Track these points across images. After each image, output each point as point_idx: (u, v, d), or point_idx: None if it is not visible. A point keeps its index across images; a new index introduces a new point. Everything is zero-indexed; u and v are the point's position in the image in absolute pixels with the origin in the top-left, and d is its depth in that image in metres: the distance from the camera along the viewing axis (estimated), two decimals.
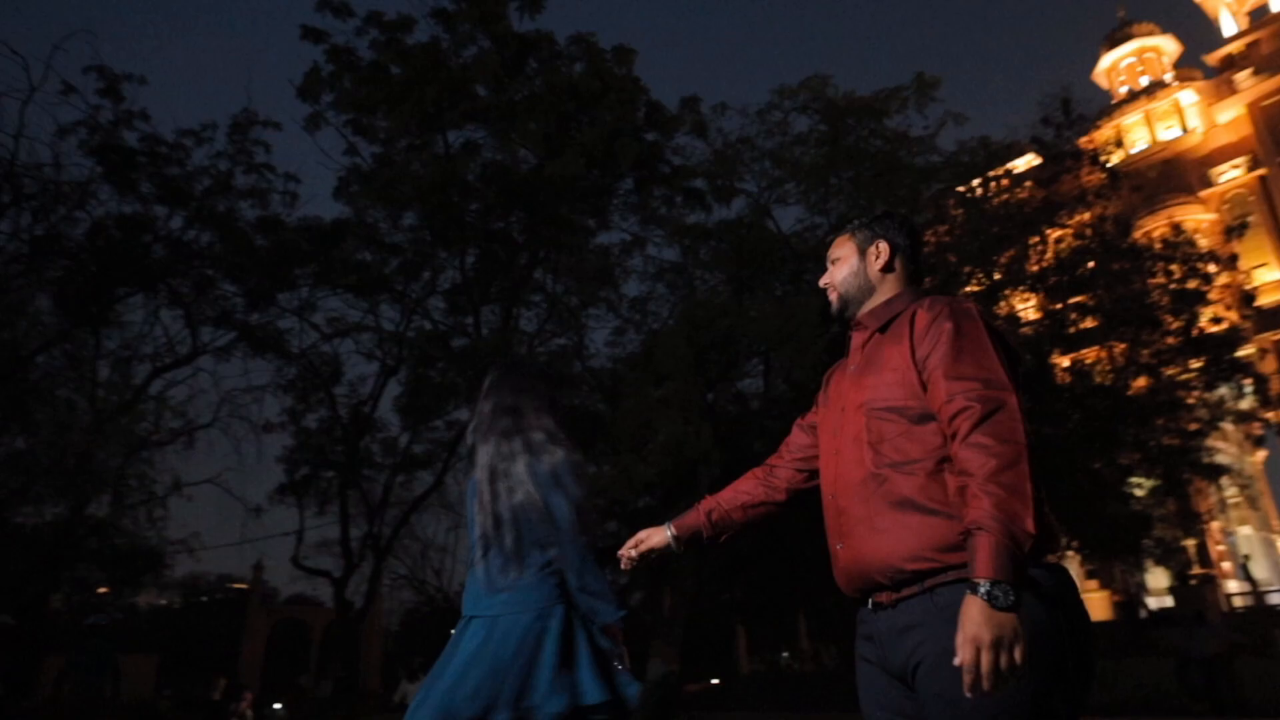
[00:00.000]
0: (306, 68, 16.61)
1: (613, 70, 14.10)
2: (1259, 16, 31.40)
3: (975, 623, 1.43)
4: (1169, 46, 34.30)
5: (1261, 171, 29.23)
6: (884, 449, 1.75)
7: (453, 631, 2.36)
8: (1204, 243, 23.74)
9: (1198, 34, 37.67)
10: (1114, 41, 35.23)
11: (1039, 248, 19.64)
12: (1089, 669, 1.61)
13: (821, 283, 2.12)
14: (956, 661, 1.44)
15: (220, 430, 22.01)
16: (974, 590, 1.44)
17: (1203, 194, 30.43)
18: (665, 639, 20.42)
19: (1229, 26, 32.05)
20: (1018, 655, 1.41)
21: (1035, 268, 19.79)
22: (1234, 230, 25.41)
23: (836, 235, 2.15)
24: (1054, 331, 20.46)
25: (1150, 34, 34.50)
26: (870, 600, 1.79)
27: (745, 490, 2.24)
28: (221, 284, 18.67)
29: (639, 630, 29.75)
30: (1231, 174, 29.94)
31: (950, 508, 1.64)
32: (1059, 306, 20.50)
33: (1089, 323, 20.24)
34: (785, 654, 36.69)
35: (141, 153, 17.90)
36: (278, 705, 21.79)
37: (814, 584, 24.60)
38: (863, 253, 2.05)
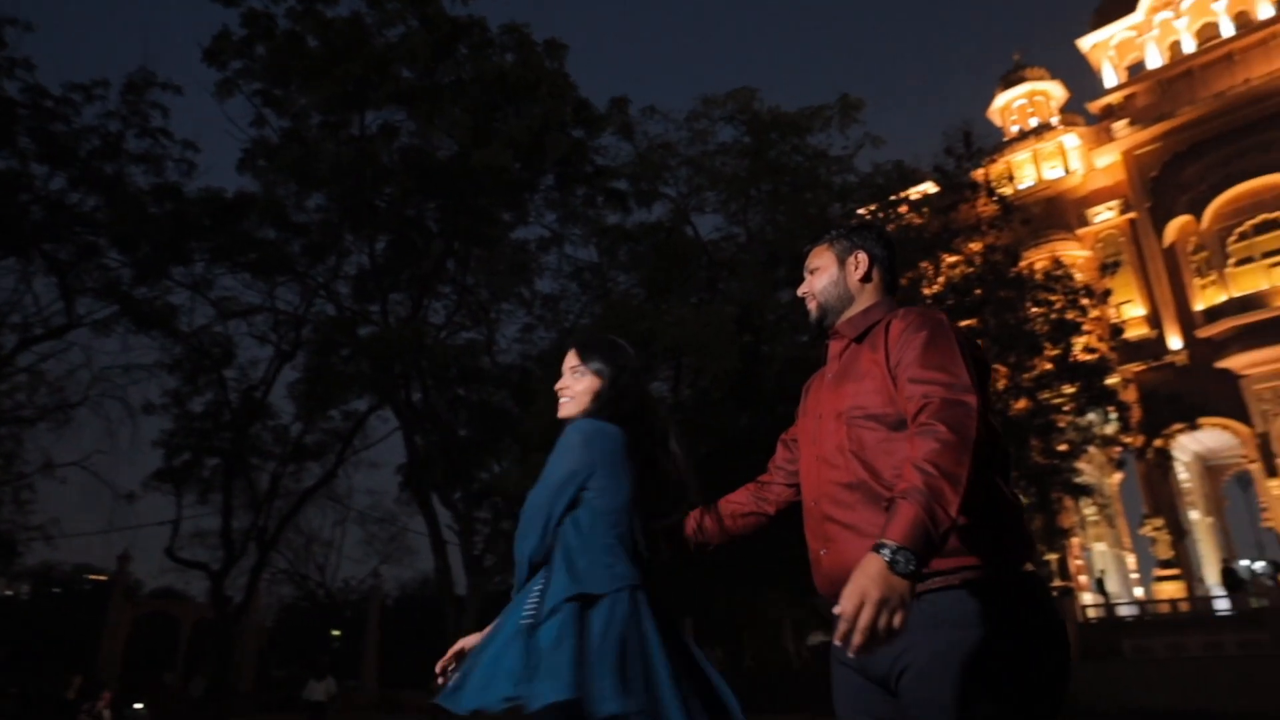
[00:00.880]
0: (216, 30, 15.76)
1: (544, 63, 13.97)
2: (1136, 72, 34.04)
3: (869, 577, 1.45)
4: (1057, 92, 36.71)
5: (1132, 215, 31.66)
6: (866, 456, 1.79)
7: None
8: (1080, 277, 25.59)
9: (1083, 82, 40.48)
10: (1008, 83, 37.45)
11: (932, 273, 20.61)
12: (1066, 675, 1.66)
13: (801, 291, 2.14)
14: (836, 610, 1.46)
15: (91, 410, 20.51)
16: (878, 550, 1.46)
17: (1080, 232, 32.72)
18: None
19: (1110, 78, 34.58)
20: (896, 621, 1.43)
21: (929, 290, 20.74)
22: (1107, 268, 27.47)
23: (814, 245, 2.17)
24: None
25: (1041, 79, 36.85)
26: None
27: (735, 500, 2.27)
28: (108, 253, 17.43)
29: None
30: (1106, 215, 32.29)
31: None
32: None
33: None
34: None
35: (22, 105, 16.52)
36: (139, 705, 20.47)
37: (702, 587, 24.99)
38: (842, 263, 2.08)
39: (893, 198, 19.43)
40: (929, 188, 21.25)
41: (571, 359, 2.28)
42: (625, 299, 15.36)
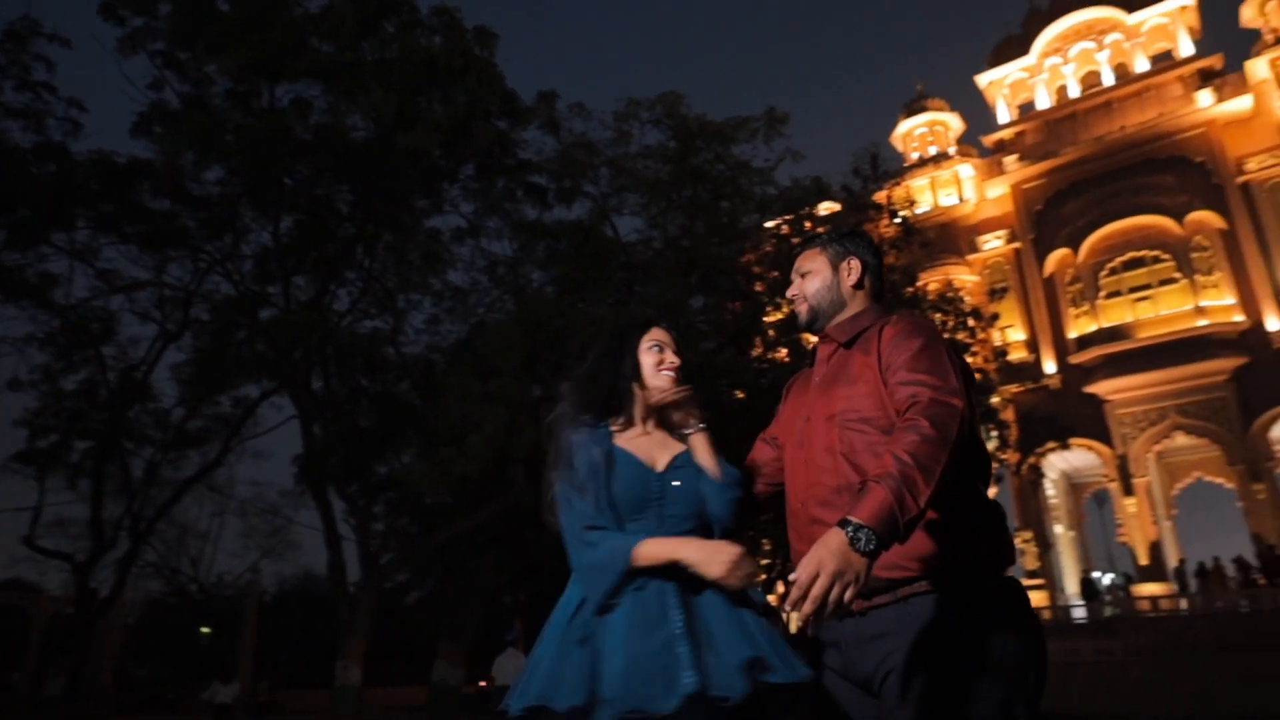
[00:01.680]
0: None
1: (474, 50, 13.67)
2: (1027, 110, 36.27)
3: (829, 550, 1.46)
4: (955, 123, 38.68)
5: (1017, 245, 33.70)
6: (856, 459, 1.82)
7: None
8: (970, 301, 27.04)
9: (979, 116, 42.69)
10: (911, 111, 39.21)
11: None
12: (1043, 679, 1.72)
13: (791, 294, 2.16)
14: (791, 577, 1.47)
15: None
16: (842, 525, 1.47)
17: (970, 258, 34.57)
18: (455, 639, 19.94)
19: (1003, 115, 36.70)
20: (847, 595, 1.44)
21: None
22: (995, 293, 29.17)
23: (805, 248, 2.20)
24: None
25: (941, 109, 38.75)
26: None
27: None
28: None
29: (422, 629, 28.73)
30: (994, 243, 34.25)
31: (928, 517, 1.69)
32: None
33: None
34: None
35: None
36: None
37: None
38: (835, 268, 2.12)
39: (803, 211, 19.98)
40: (836, 206, 21.99)
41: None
42: (540, 296, 15.19)
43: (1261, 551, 26.58)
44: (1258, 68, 30.46)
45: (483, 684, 26.14)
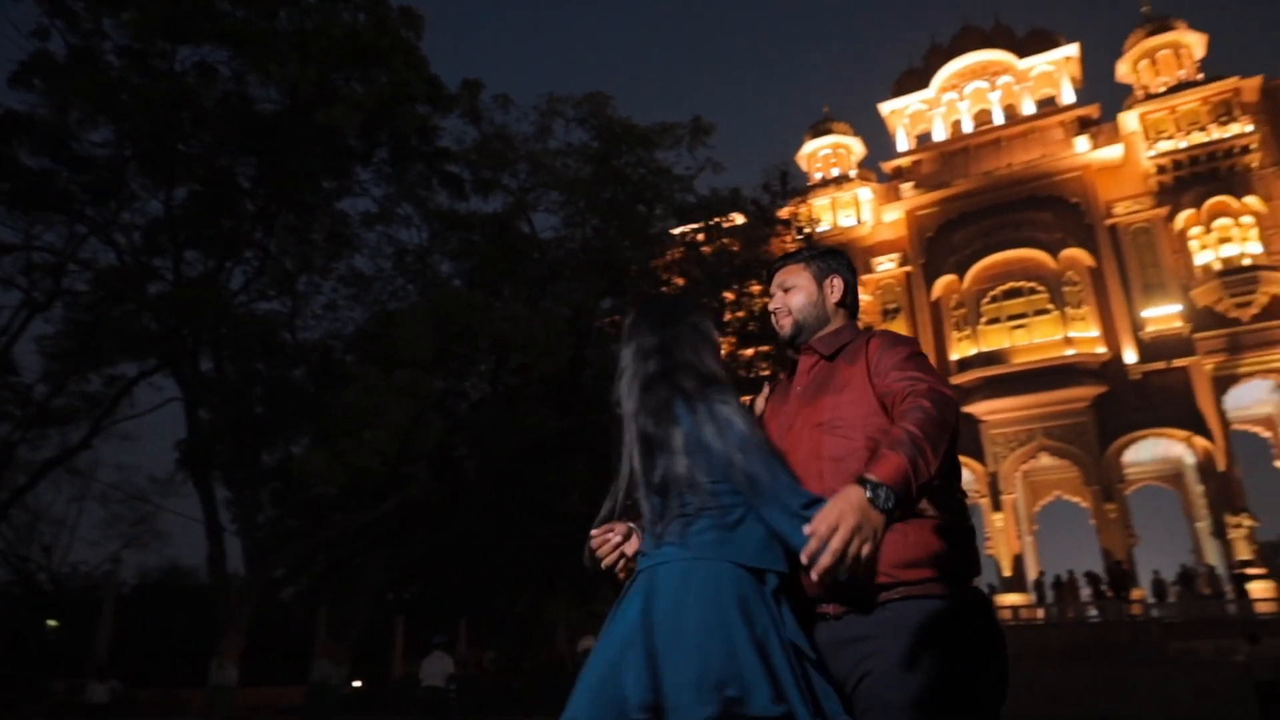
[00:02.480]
0: None
1: (400, 31, 13.23)
2: (924, 140, 38.11)
3: (850, 503, 1.51)
4: (857, 147, 40.24)
5: (909, 268, 35.36)
6: (842, 466, 1.88)
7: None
8: (865, 319, 28.16)
9: (880, 143, 44.43)
10: (817, 132, 40.55)
11: (740, 298, 21.73)
12: (1006, 685, 1.84)
13: (773, 306, 2.22)
14: (807, 530, 1.52)
15: None
16: (862, 483, 1.54)
17: (865, 278, 35.99)
18: (338, 637, 19.23)
19: (902, 143, 38.44)
20: (865, 549, 1.49)
21: (730, 316, 21.91)
22: (888, 313, 30.50)
23: (787, 263, 2.27)
24: (733, 375, 22.57)
25: (844, 133, 40.23)
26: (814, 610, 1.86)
27: None
28: None
29: (298, 627, 27.52)
30: (888, 265, 35.80)
31: (906, 524, 1.78)
32: (750, 353, 22.89)
33: (762, 369, 22.80)
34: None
35: None
36: None
37: (487, 590, 24.67)
38: (819, 284, 2.20)
39: (716, 221, 20.33)
40: (742, 218, 22.47)
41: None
42: (454, 288, 14.84)
43: (1110, 566, 28.79)
44: (1129, 120, 33.02)
45: (356, 684, 25.32)
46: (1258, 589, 26.99)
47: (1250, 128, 30.81)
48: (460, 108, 15.30)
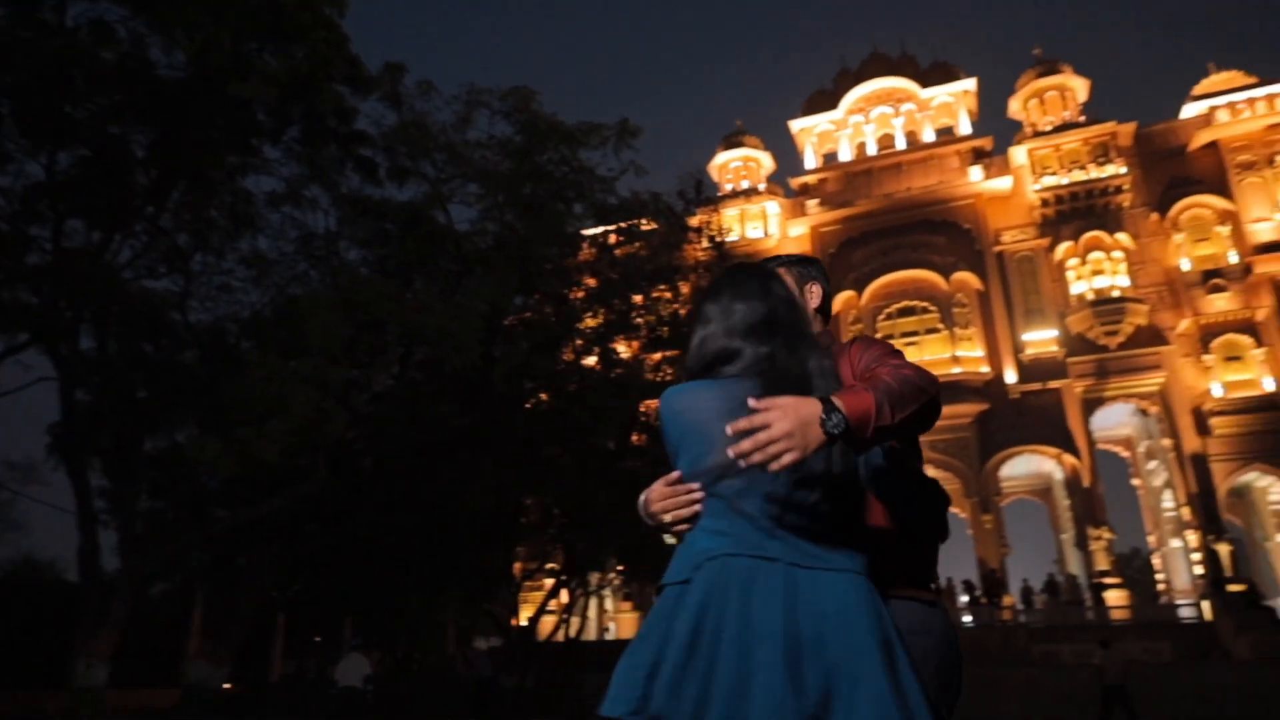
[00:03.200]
0: None
1: (322, 6, 12.71)
2: (831, 160, 39.42)
3: (798, 413, 1.51)
4: (766, 161, 41.24)
5: None
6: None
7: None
8: None
9: (789, 159, 45.61)
10: (729, 144, 41.34)
11: (649, 302, 21.88)
12: (959, 691, 1.94)
13: None
14: (752, 403, 1.54)
15: None
16: (823, 401, 1.54)
17: None
18: (218, 637, 18.22)
19: (810, 161, 39.64)
20: (785, 460, 1.49)
21: (640, 320, 22.04)
22: None
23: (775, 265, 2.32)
24: (640, 378, 22.64)
25: (755, 147, 41.16)
26: None
27: None
28: None
29: (170, 626, 25.95)
30: None
31: (882, 528, 1.89)
32: (658, 358, 23.07)
33: (665, 374, 23.04)
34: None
35: None
36: None
37: (376, 589, 23.93)
38: (800, 290, 2.27)
39: (631, 223, 20.39)
40: (653, 224, 22.62)
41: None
42: (366, 276, 14.35)
43: (985, 575, 30.45)
44: (1018, 154, 35.09)
45: (227, 686, 24.04)
46: (1113, 597, 29.09)
47: (1124, 169, 33.25)
48: (380, 91, 14.81)
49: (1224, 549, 28.79)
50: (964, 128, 37.68)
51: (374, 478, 18.65)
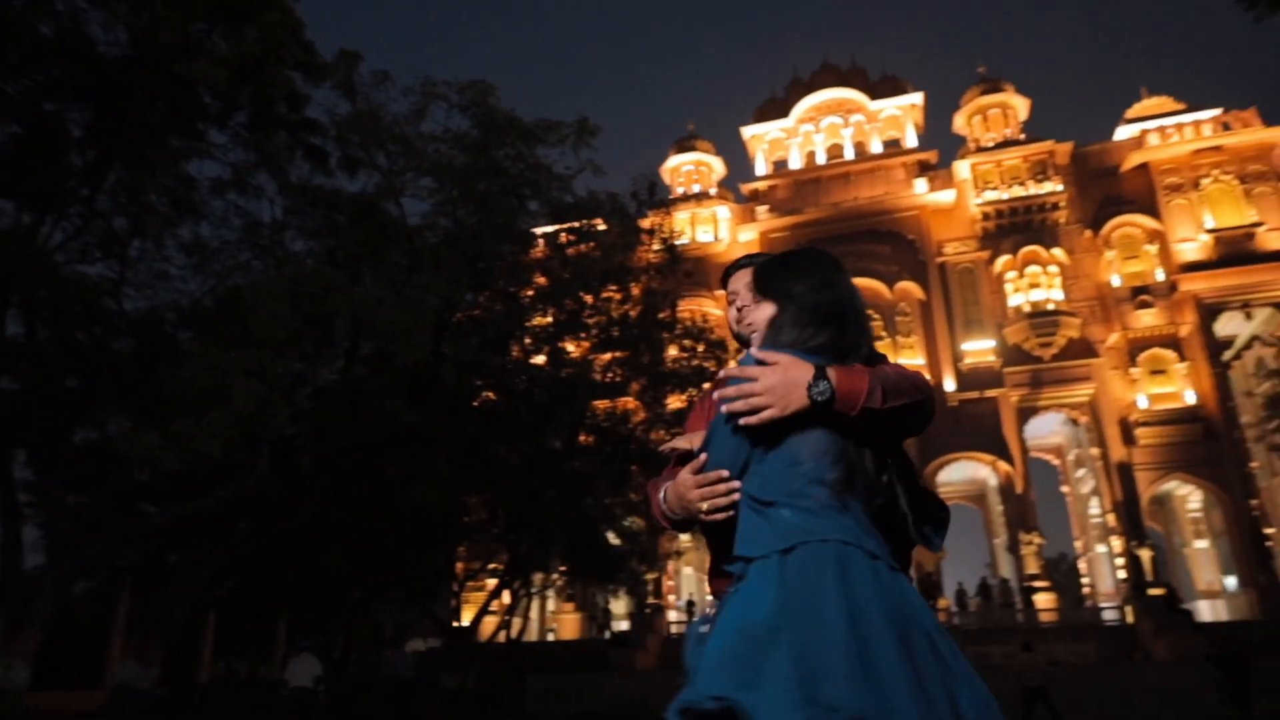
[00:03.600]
0: None
1: None
2: (781, 167, 39.95)
3: (788, 373, 1.59)
4: (718, 166, 41.62)
5: None
6: None
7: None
8: (719, 333, 29.04)
9: (740, 164, 46.04)
10: (681, 148, 41.59)
11: (599, 302, 21.82)
12: None
13: (741, 304, 2.24)
14: (754, 352, 1.65)
15: None
16: (817, 367, 1.60)
17: (718, 293, 37.15)
18: (149, 636, 17.56)
19: (761, 167, 40.12)
20: (762, 415, 1.57)
21: (592, 319, 21.99)
22: None
23: (747, 265, 2.29)
24: (589, 377, 22.54)
25: (707, 152, 41.51)
26: None
27: None
28: None
29: (95, 625, 24.92)
30: None
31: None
32: (608, 358, 23.06)
33: (613, 374, 23.06)
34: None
35: None
36: None
37: (312, 588, 23.42)
38: None
39: (586, 223, 20.31)
40: (603, 225, 22.57)
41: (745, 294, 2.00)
42: (315, 267, 14.02)
43: (921, 578, 31.16)
44: (961, 168, 36.07)
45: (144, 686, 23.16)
46: (1042, 600, 30.07)
47: (1060, 187, 34.46)
48: (334, 78, 14.47)
49: (1145, 554, 30.03)
50: (910, 140, 38.56)
51: (315, 474, 18.22)
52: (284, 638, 35.39)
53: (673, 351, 24.02)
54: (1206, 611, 32.02)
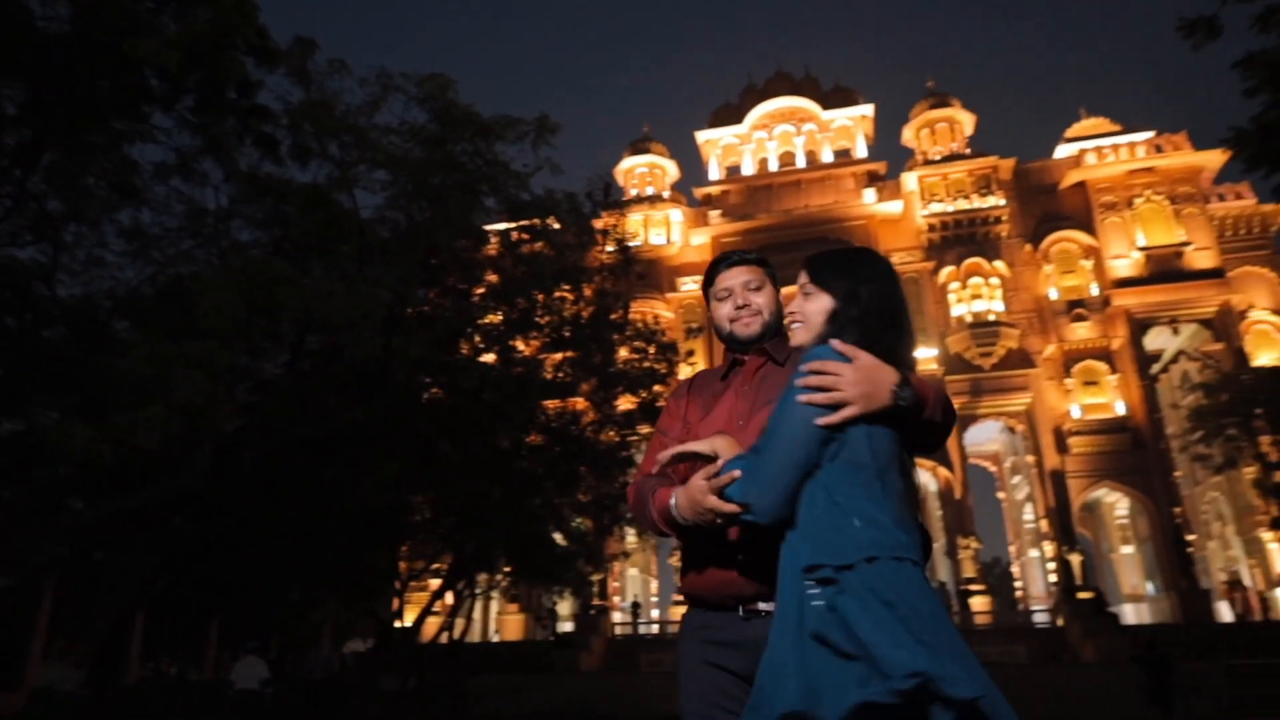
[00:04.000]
0: None
1: None
2: (734, 173, 40.30)
3: (876, 372, 1.65)
4: (672, 170, 41.77)
5: None
6: None
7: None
8: (670, 335, 29.16)
9: (693, 168, 46.39)
10: (636, 150, 41.64)
11: (551, 301, 21.71)
12: None
13: (746, 301, 2.31)
14: (836, 345, 1.69)
15: None
16: (901, 375, 1.68)
17: (669, 296, 37.32)
18: (79, 637, 16.89)
19: (714, 172, 40.41)
20: (846, 412, 1.62)
21: (544, 319, 21.89)
22: (691, 332, 31.77)
23: (739, 263, 2.40)
24: (538, 377, 22.40)
25: (661, 154, 41.62)
26: (742, 607, 1.98)
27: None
28: None
29: (9, 624, 23.85)
30: (691, 286, 37.40)
31: None
32: (559, 357, 22.97)
33: (563, 374, 23.00)
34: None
35: None
36: None
37: (250, 588, 22.82)
38: (776, 296, 2.38)
39: (542, 221, 20.19)
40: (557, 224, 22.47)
41: (801, 278, 1.99)
42: (264, 257, 13.64)
43: None
44: (909, 180, 36.84)
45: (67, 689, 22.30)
46: (977, 603, 30.86)
47: (1003, 202, 35.45)
48: (288, 65, 14.11)
49: (1076, 559, 31.04)
50: (860, 151, 39.26)
51: (256, 471, 17.75)
52: (216, 638, 34.34)
53: (623, 353, 24.05)
54: (1131, 615, 33.29)
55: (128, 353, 12.26)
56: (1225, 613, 29.58)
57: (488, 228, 20.84)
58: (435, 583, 26.59)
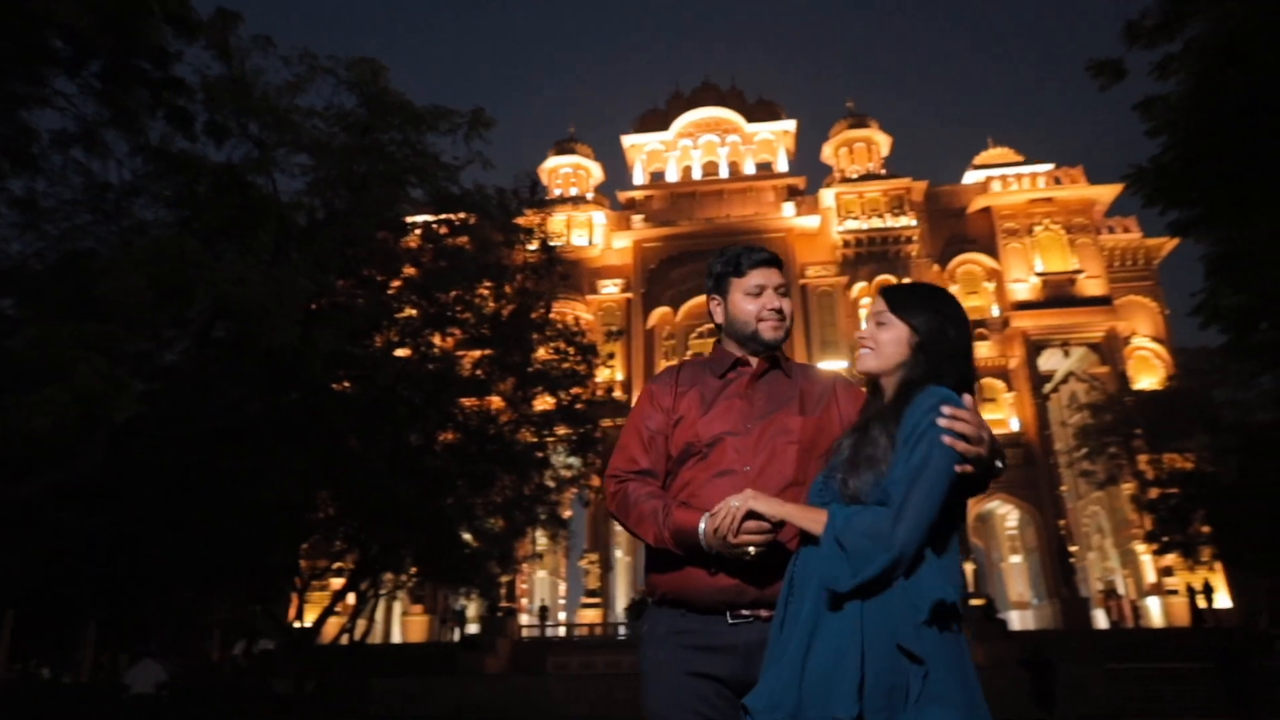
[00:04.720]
0: None
1: None
2: (658, 179, 40.60)
3: (990, 433, 1.76)
4: (596, 171, 41.76)
5: (630, 295, 37.32)
6: (804, 470, 2.11)
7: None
8: (590, 337, 29.10)
9: (618, 172, 46.45)
10: (561, 149, 41.45)
11: (471, 298, 21.38)
12: None
13: (779, 305, 2.35)
14: (969, 400, 1.77)
15: None
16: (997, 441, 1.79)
17: (590, 298, 37.28)
18: None
19: (639, 177, 40.64)
20: (970, 456, 1.71)
21: (463, 314, 21.56)
22: (611, 335, 31.78)
23: (777, 264, 2.44)
24: (456, 373, 22.05)
25: (586, 156, 41.57)
26: (730, 613, 2.01)
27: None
28: None
29: None
30: (611, 289, 37.50)
31: None
32: (477, 355, 22.63)
33: (480, 372, 22.72)
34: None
35: None
36: None
37: (135, 585, 21.65)
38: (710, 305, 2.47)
39: (468, 216, 19.86)
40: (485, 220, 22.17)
41: (876, 304, 2.01)
42: (177, 236, 12.92)
43: None
44: (827, 196, 37.89)
45: None
46: None
47: (914, 222, 36.84)
48: (209, 37, 13.44)
49: (969, 568, 32.46)
50: (782, 164, 40.15)
51: (153, 461, 16.83)
52: (94, 639, 32.38)
53: (543, 353, 23.87)
54: (1017, 621, 35.00)
55: (15, 332, 11.45)
56: (1101, 620, 31.46)
57: (410, 220, 20.35)
58: (338, 582, 25.76)
